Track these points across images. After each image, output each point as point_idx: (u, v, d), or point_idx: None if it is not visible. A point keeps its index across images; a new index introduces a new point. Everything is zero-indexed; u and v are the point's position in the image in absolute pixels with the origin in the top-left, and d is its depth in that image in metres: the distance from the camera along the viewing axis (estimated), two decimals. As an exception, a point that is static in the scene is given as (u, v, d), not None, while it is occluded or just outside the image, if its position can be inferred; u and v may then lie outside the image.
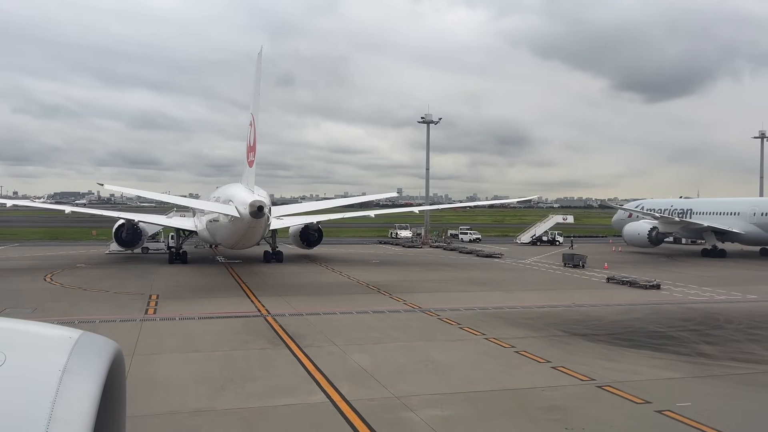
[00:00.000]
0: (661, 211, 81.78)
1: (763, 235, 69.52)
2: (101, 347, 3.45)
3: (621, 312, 34.54)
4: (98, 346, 3.45)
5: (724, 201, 77.41)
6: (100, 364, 3.27)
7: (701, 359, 23.77)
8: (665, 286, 45.70)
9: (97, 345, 3.45)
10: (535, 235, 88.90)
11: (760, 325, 30.86)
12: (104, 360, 3.33)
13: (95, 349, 3.40)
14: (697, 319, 32.36)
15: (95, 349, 3.40)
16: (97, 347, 3.43)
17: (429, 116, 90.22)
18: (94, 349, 3.38)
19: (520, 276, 51.69)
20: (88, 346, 3.35)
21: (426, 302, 36.51)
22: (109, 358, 3.38)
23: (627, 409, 17.61)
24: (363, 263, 60.24)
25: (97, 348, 3.42)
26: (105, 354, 3.39)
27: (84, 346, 3.32)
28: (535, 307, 35.57)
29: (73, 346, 3.27)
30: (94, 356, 3.31)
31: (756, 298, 40.58)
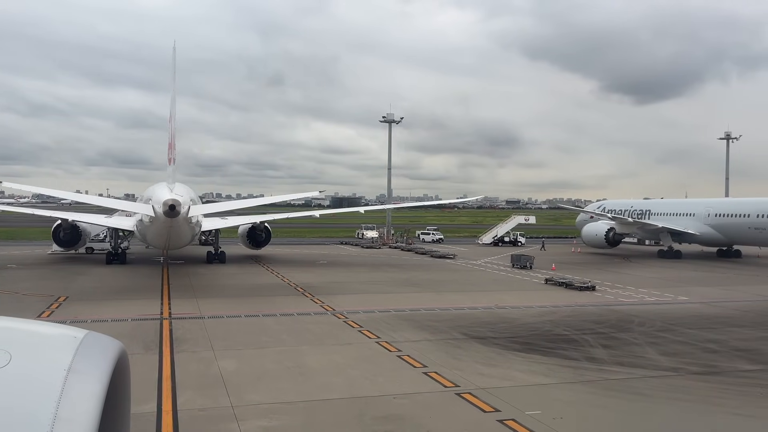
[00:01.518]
0: (622, 212, 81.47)
1: (717, 236, 69.20)
2: (106, 347, 3.44)
3: (538, 314, 33.77)
4: (103, 346, 3.44)
5: (680, 202, 77.11)
6: (105, 363, 3.26)
7: (586, 364, 22.98)
8: (605, 287, 45.12)
9: (102, 344, 3.45)
10: (497, 235, 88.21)
11: (671, 328, 30.19)
12: (109, 359, 3.32)
13: (100, 348, 3.39)
14: (611, 322, 31.62)
15: (100, 348, 3.39)
16: (102, 347, 3.42)
17: (391, 115, 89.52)
18: (99, 349, 3.38)
19: (459, 277, 50.90)
20: (93, 346, 3.35)
21: (345, 304, 35.61)
22: (113, 358, 3.36)
23: (467, 419, 16.76)
24: (308, 264, 59.29)
25: (102, 347, 3.41)
26: (110, 353, 3.38)
27: (89, 346, 3.32)
28: (454, 309, 34.76)
29: (78, 345, 3.27)
30: (99, 356, 3.30)
31: (686, 300, 39.99)
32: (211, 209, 51.49)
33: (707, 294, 42.85)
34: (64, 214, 56.84)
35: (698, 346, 26.23)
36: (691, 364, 23.21)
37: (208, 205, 52.47)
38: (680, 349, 25.60)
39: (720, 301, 39.80)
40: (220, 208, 59.14)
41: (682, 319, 32.54)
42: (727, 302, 39.26)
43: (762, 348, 26.00)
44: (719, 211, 68.98)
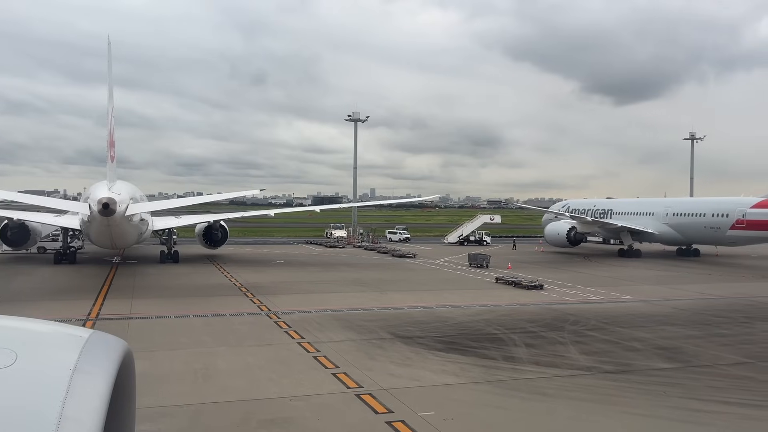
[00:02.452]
0: (585, 211, 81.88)
1: (675, 235, 69.77)
2: (111, 346, 3.43)
3: (476, 313, 33.59)
4: (108, 345, 3.43)
5: (640, 201, 77.66)
6: (111, 362, 3.25)
7: (502, 363, 22.79)
8: (555, 286, 45.17)
9: (107, 344, 3.43)
10: (462, 234, 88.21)
11: (602, 326, 30.17)
12: (114, 359, 3.31)
13: (105, 347, 3.38)
14: (545, 321, 31.54)
15: (105, 347, 3.38)
16: (108, 346, 3.41)
17: (356, 114, 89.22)
18: (105, 348, 3.37)
19: (412, 276, 50.67)
20: (98, 345, 3.34)
21: (284, 304, 35.17)
22: (119, 357, 3.35)
23: (356, 420, 16.44)
24: (262, 264, 58.71)
25: (107, 347, 3.40)
26: (115, 353, 3.37)
27: (94, 345, 3.31)
28: (393, 309, 34.48)
29: (83, 345, 3.26)
30: (105, 355, 3.29)
31: (630, 299, 40.12)
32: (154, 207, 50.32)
33: (653, 292, 43.05)
34: (13, 213, 55.56)
35: (622, 345, 26.20)
36: (608, 363, 23.14)
37: (153, 203, 51.57)
38: (603, 348, 25.54)
39: (663, 299, 39.96)
40: (164, 206, 58.20)
41: (616, 318, 32.58)
42: (669, 300, 39.43)
43: (684, 347, 26.03)
44: (677, 210, 69.55)
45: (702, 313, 34.65)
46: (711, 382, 20.67)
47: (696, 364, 23.26)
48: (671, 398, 18.76)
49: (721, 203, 65.29)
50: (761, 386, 20.26)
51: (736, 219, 61.90)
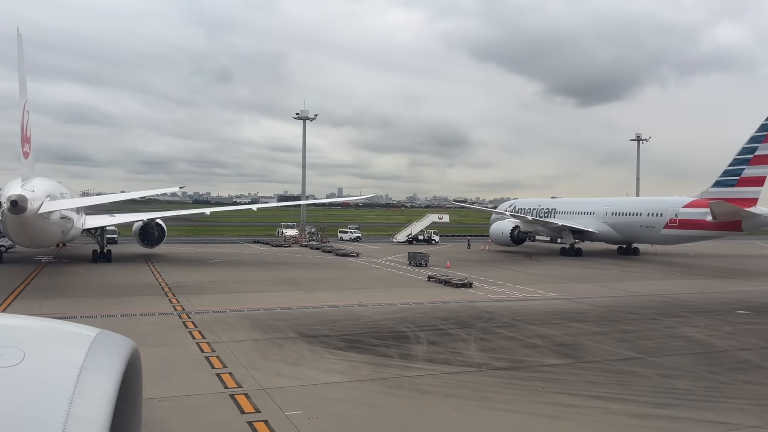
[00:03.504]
0: (531, 211, 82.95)
1: (614, 234, 71.17)
2: (118, 345, 3.41)
3: (394, 311, 33.56)
4: (115, 344, 3.41)
5: (582, 201, 79.02)
6: (118, 361, 3.23)
7: (395, 361, 22.77)
8: (485, 284, 45.57)
9: (114, 343, 3.41)
10: (411, 234, 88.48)
11: (513, 323, 30.48)
12: (121, 357, 3.29)
13: (112, 346, 3.36)
14: (460, 318, 31.71)
15: (112, 346, 3.36)
16: (115, 345, 3.39)
17: (305, 112, 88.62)
18: (112, 347, 3.35)
19: (346, 275, 50.53)
20: (105, 344, 3.32)
21: (201, 304, 34.63)
22: (126, 356, 3.33)
23: (217, 420, 16.21)
24: (198, 263, 57.89)
25: (114, 346, 3.38)
26: (122, 351, 3.35)
27: (101, 344, 3.29)
28: (312, 308, 34.25)
29: (90, 343, 3.25)
30: (112, 354, 3.27)
31: (553, 296, 40.66)
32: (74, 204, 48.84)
33: (579, 290, 43.72)
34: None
35: (523, 342, 26.48)
36: (501, 359, 23.33)
37: (73, 200, 50.05)
38: (503, 345, 25.76)
39: (586, 297, 40.61)
40: (86, 203, 56.64)
41: (531, 315, 32.95)
42: (591, 298, 40.09)
43: (584, 343, 26.43)
44: (616, 210, 70.98)
45: (616, 310, 35.32)
46: (592, 378, 21.00)
47: (587, 360, 23.62)
48: (548, 394, 18.98)
49: (656, 203, 66.86)
50: (638, 380, 20.68)
51: (669, 218, 63.45)
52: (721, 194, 58.58)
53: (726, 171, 59.47)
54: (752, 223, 57.36)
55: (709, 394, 19.31)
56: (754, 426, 16.28)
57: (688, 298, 40.40)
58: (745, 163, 57.58)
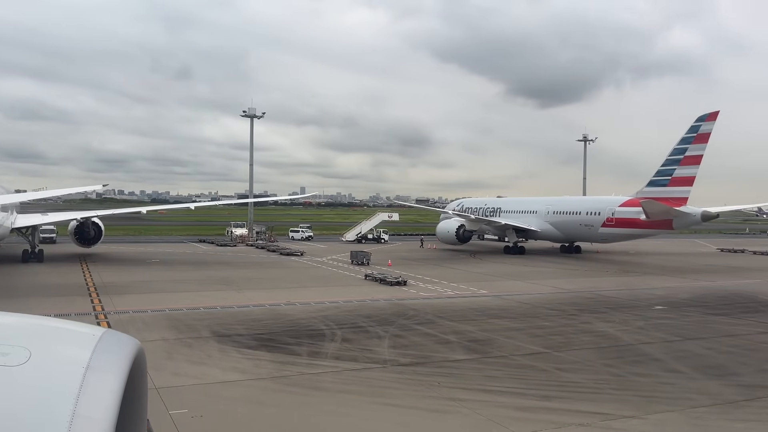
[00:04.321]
0: (478, 210, 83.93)
1: (555, 232, 72.59)
2: (124, 344, 3.41)
3: (319, 310, 33.49)
4: (121, 344, 3.41)
5: (526, 200, 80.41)
6: (123, 361, 3.24)
7: (301, 359, 22.78)
8: (422, 282, 45.92)
9: (119, 342, 3.42)
10: (361, 232, 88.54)
11: (434, 320, 30.81)
12: (126, 357, 3.29)
13: (118, 346, 3.36)
14: (383, 316, 31.88)
15: (118, 346, 3.36)
16: (120, 344, 3.40)
17: (252, 110, 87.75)
18: (117, 347, 3.36)
19: (284, 274, 50.25)
20: (110, 343, 3.33)
21: (124, 304, 34.00)
22: (131, 356, 3.33)
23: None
24: (135, 262, 56.83)
25: (119, 345, 3.39)
26: (127, 351, 3.35)
27: (107, 343, 3.30)
28: (237, 307, 33.94)
29: (96, 343, 3.26)
30: (117, 353, 3.28)
31: (484, 293, 41.23)
32: None
33: (509, 287, 44.46)
34: None
35: (437, 338, 26.79)
36: (408, 356, 23.55)
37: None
38: (416, 342, 26.00)
39: (515, 293, 41.31)
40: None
41: (454, 312, 33.36)
42: (520, 295, 40.79)
43: (496, 338, 26.89)
44: (557, 209, 72.43)
45: (540, 307, 36.04)
46: (492, 372, 21.39)
47: (493, 355, 24.05)
48: (442, 389, 19.24)
49: (594, 202, 68.52)
50: (535, 374, 21.17)
51: (606, 217, 65.07)
52: (654, 194, 60.37)
53: (659, 171, 61.31)
54: (682, 221, 59.27)
55: (598, 386, 19.88)
56: (628, 416, 16.82)
57: (613, 295, 41.51)
58: (677, 164, 59.46)
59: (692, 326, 30.58)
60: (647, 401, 18.26)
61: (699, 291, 44.03)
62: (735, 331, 29.54)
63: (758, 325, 31.18)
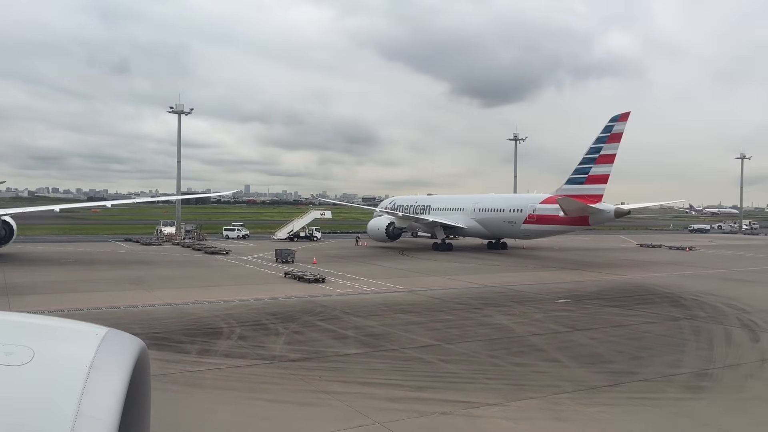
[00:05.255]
0: (409, 207, 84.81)
1: (481, 229, 74.20)
2: (127, 344, 3.43)
3: (226, 308, 33.16)
4: (124, 343, 3.43)
5: (454, 198, 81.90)
6: (126, 360, 3.25)
7: (189, 357, 22.57)
8: (342, 279, 46.09)
9: (122, 341, 3.43)
10: (293, 230, 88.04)
11: (339, 316, 31.05)
12: (130, 356, 3.30)
13: (121, 345, 3.38)
14: (289, 313, 31.88)
15: (121, 345, 3.38)
16: (123, 344, 3.41)
17: (180, 106, 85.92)
18: (120, 346, 3.36)
19: (202, 273, 49.50)
20: (114, 343, 3.34)
21: (23, 305, 32.78)
22: (134, 355, 3.35)
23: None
24: (48, 262, 54.87)
25: (122, 344, 3.39)
26: (130, 350, 3.37)
27: (110, 343, 3.31)
28: (141, 306, 33.28)
29: (99, 342, 3.27)
30: (120, 353, 3.29)
31: (400, 289, 41.78)
32: None
33: (426, 283, 45.24)
34: None
35: (336, 333, 27.04)
36: (300, 351, 23.71)
37: None
38: (313, 338, 26.17)
39: (429, 288, 42.06)
40: None
41: (362, 308, 33.71)
42: (434, 290, 41.56)
43: (394, 332, 27.35)
44: (482, 206, 74.05)
45: (449, 301, 36.81)
46: (376, 365, 21.79)
47: (385, 348, 24.47)
48: (322, 382, 19.47)
49: (517, 200, 70.43)
50: (418, 366, 21.69)
51: (528, 214, 66.95)
52: (572, 191, 62.52)
53: (576, 169, 63.52)
54: (598, 218, 61.62)
55: (474, 376, 20.54)
56: (492, 404, 17.47)
57: (524, 289, 42.79)
58: (592, 162, 61.76)
59: (586, 318, 31.94)
60: (516, 389, 19.02)
61: (606, 285, 45.96)
62: (624, 321, 31.02)
63: (648, 315, 32.84)
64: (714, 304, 36.52)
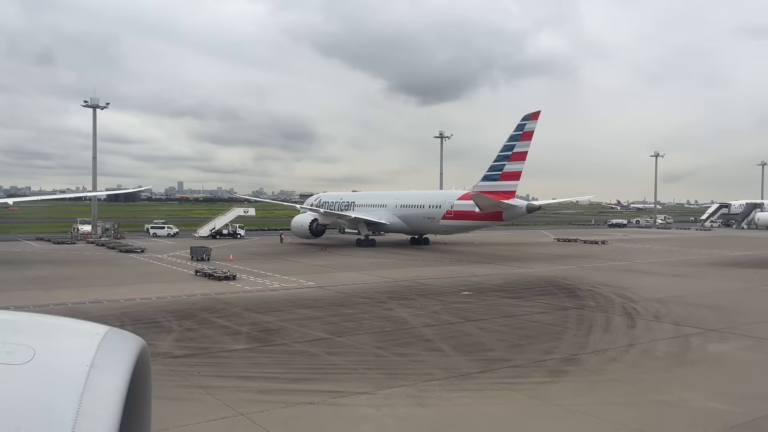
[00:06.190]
0: (333, 204, 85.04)
1: (403, 225, 75.33)
2: (128, 342, 3.39)
3: (124, 307, 32.52)
4: (125, 342, 3.38)
5: (377, 194, 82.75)
6: (127, 359, 3.20)
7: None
8: (255, 276, 45.84)
9: (123, 340, 3.38)
10: (215, 228, 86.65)
11: (240, 313, 30.98)
12: (131, 355, 3.26)
13: (122, 344, 3.33)
14: (189, 311, 31.57)
15: (122, 344, 3.33)
16: (124, 342, 3.36)
17: (95, 100, 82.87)
18: (121, 345, 3.31)
19: (112, 272, 48.08)
20: (114, 342, 3.29)
21: None
22: (135, 354, 3.30)
23: None
24: (-58, 263, 51.90)
25: (123, 343, 3.35)
26: (131, 349, 3.33)
27: (111, 342, 3.26)
28: (33, 306, 32.06)
29: (100, 341, 3.21)
30: (121, 351, 3.24)
31: (311, 285, 41.94)
32: None
33: (339, 278, 45.61)
34: None
35: (231, 330, 27.02)
36: (187, 348, 23.58)
37: None
38: (205, 334, 26.06)
39: (339, 284, 42.42)
40: None
41: (265, 304, 33.75)
42: (344, 285, 41.97)
43: (289, 327, 27.58)
44: (404, 202, 75.22)
45: (355, 296, 37.33)
46: (260, 360, 21.99)
47: (275, 343, 24.67)
48: (199, 378, 19.49)
49: (436, 196, 72.00)
50: (303, 359, 22.05)
51: (446, 210, 68.52)
52: (487, 187, 64.42)
53: (491, 166, 65.49)
54: (511, 213, 63.80)
55: (354, 367, 21.08)
56: (360, 393, 18.00)
57: (432, 283, 43.87)
58: (506, 159, 63.85)
59: (482, 309, 33.13)
60: (389, 378, 19.66)
61: (512, 277, 47.68)
62: (516, 312, 32.39)
63: (542, 306, 34.38)
64: (606, 294, 38.60)
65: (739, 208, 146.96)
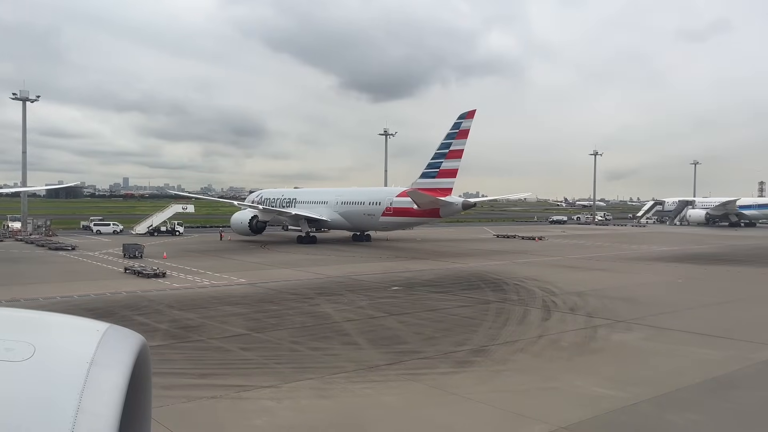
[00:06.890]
0: (275, 201, 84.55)
1: (344, 222, 75.65)
2: (128, 339, 3.44)
3: (43, 306, 31.72)
4: (125, 339, 3.43)
5: (318, 191, 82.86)
6: (127, 356, 3.25)
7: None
8: (187, 273, 45.24)
9: (123, 337, 3.43)
10: (153, 225, 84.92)
11: (162, 310, 30.70)
12: (131, 352, 3.31)
13: (122, 341, 3.38)
14: (109, 309, 31.10)
15: (122, 341, 3.38)
16: (124, 339, 3.41)
17: (25, 92, 79.97)
18: (121, 341, 3.37)
19: (33, 270, 46.73)
20: (114, 338, 3.34)
21: None
22: (135, 351, 3.35)
23: None
24: None
25: (123, 340, 3.40)
26: (131, 346, 3.38)
27: (111, 339, 3.31)
28: (-57, 307, 30.94)
29: (100, 338, 3.27)
30: (121, 348, 3.29)
31: (243, 282, 41.73)
32: None
33: (272, 275, 45.55)
34: None
35: (148, 327, 26.72)
36: (99, 346, 23.27)
37: None
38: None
39: (271, 281, 42.38)
40: None
41: (189, 301, 33.50)
42: (276, 282, 41.95)
43: (209, 324, 27.51)
44: (344, 199, 75.52)
45: (285, 292, 37.40)
46: (172, 356, 21.91)
47: (191, 339, 24.62)
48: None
49: (376, 193, 72.57)
50: (216, 355, 22.16)
51: (386, 207, 69.20)
52: (425, 185, 65.39)
53: (429, 164, 66.50)
54: (447, 210, 64.96)
55: (265, 362, 21.29)
56: (265, 387, 18.25)
57: (365, 279, 44.31)
58: (443, 157, 64.96)
59: (407, 304, 33.77)
60: (297, 372, 19.96)
61: (444, 273, 48.63)
62: (439, 306, 33.17)
63: (465, 300, 35.29)
64: (530, 288, 39.89)
65: (672, 205, 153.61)
